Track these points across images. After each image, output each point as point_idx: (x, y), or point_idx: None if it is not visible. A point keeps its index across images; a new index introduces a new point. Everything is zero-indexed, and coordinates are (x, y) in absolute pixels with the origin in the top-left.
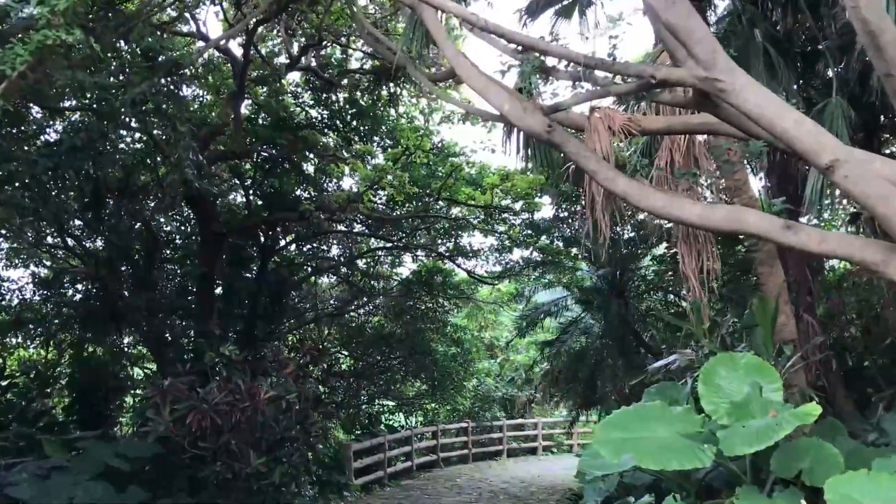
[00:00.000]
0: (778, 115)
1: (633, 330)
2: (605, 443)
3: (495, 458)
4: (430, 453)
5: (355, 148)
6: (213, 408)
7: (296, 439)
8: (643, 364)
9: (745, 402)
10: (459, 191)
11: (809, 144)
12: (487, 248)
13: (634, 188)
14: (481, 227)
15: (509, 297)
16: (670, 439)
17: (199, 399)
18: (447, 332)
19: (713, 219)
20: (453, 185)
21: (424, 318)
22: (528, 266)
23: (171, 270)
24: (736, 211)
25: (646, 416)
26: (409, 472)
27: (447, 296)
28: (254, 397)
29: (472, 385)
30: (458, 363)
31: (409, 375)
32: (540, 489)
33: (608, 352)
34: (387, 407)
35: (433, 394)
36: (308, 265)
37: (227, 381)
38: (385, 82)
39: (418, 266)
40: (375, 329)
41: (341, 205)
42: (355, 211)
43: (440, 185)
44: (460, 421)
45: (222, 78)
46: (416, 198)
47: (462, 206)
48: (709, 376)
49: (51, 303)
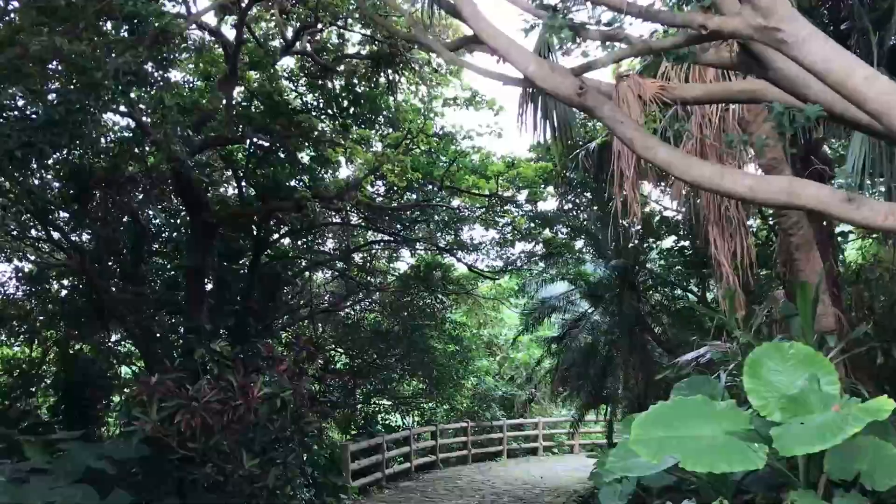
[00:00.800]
0: (847, 70)
1: (646, 325)
2: (643, 442)
3: (495, 459)
4: (428, 454)
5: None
6: (203, 406)
7: (291, 439)
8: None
9: (802, 397)
10: (463, 179)
11: (884, 104)
12: (489, 241)
13: (678, 157)
14: (484, 217)
15: (510, 292)
16: (717, 438)
17: (189, 397)
18: (446, 328)
19: (767, 191)
20: (457, 172)
21: (423, 314)
22: (531, 260)
23: (160, 264)
24: (793, 182)
25: (687, 412)
26: (408, 473)
27: (446, 291)
28: (247, 395)
29: (471, 384)
30: (458, 361)
31: (407, 374)
32: (544, 491)
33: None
34: (382, 406)
35: (431, 393)
36: (302, 259)
37: (219, 379)
38: (383, 68)
39: (417, 260)
40: (372, 326)
41: (339, 192)
42: (353, 199)
43: (443, 173)
44: (459, 421)
45: (213, 61)
46: (417, 186)
47: (465, 194)
48: (755, 368)
49: (35, 298)
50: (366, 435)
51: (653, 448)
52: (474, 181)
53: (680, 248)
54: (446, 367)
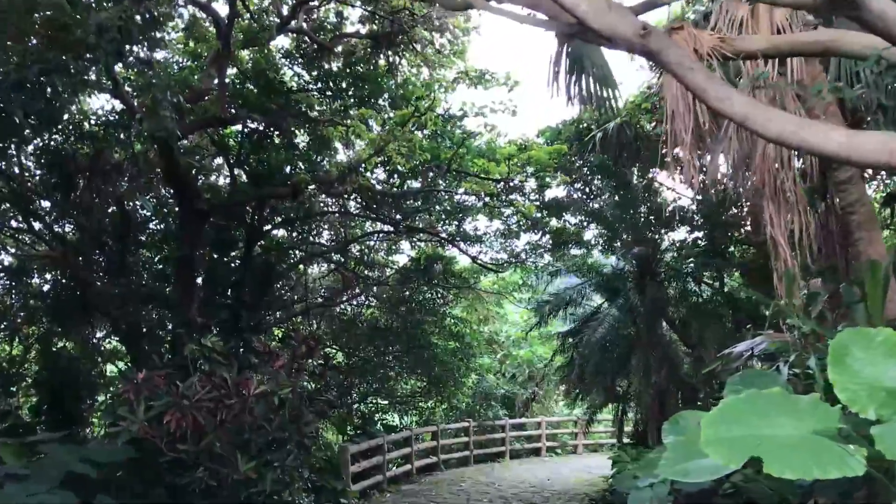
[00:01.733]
0: None
1: (668, 318)
2: (717, 442)
3: (498, 460)
4: (429, 455)
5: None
6: (194, 405)
7: (289, 441)
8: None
9: None
10: (471, 163)
11: None
12: (493, 232)
13: (758, 109)
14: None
15: (514, 287)
16: (804, 439)
17: (179, 395)
18: (446, 324)
19: (862, 148)
20: (465, 156)
21: (423, 309)
22: (537, 252)
23: (148, 256)
24: (892, 139)
25: (764, 408)
26: (409, 475)
27: (448, 285)
28: (241, 393)
29: (472, 382)
30: (458, 358)
31: (406, 371)
32: (554, 494)
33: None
34: (379, 406)
35: (431, 391)
36: (297, 250)
37: (211, 376)
38: (383, 49)
39: (417, 253)
40: (369, 322)
41: (339, 176)
42: (354, 183)
43: (450, 156)
44: (460, 420)
45: (204, 38)
46: (422, 170)
47: (474, 180)
48: (839, 357)
49: (16, 293)
50: (365, 436)
51: (730, 449)
52: (483, 164)
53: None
54: (447, 365)
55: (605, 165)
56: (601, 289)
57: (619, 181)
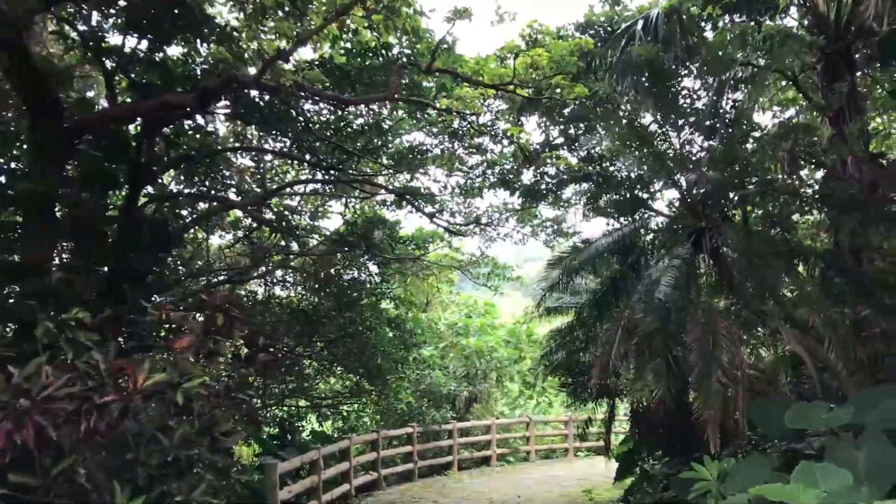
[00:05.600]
0: None
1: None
2: None
3: (444, 472)
4: (369, 471)
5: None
6: (40, 406)
7: (197, 461)
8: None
9: None
10: (461, 61)
11: None
12: (450, 189)
13: None
14: (471, 132)
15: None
16: None
17: (15, 390)
18: (384, 308)
19: None
20: (454, 44)
21: (359, 288)
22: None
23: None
24: None
25: None
26: (347, 498)
27: (391, 257)
28: (122, 387)
29: (414, 376)
30: (400, 349)
31: (335, 365)
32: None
33: (693, 318)
34: (299, 409)
35: (363, 390)
36: (198, 203)
37: (73, 361)
38: None
39: (352, 216)
40: (288, 304)
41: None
42: (294, 77)
43: (434, 46)
44: (400, 426)
45: None
46: (394, 66)
47: (466, 85)
48: None
49: None
50: (293, 449)
51: None
52: (478, 62)
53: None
54: (390, 356)
55: (647, 61)
56: (667, 232)
57: (661, 84)
